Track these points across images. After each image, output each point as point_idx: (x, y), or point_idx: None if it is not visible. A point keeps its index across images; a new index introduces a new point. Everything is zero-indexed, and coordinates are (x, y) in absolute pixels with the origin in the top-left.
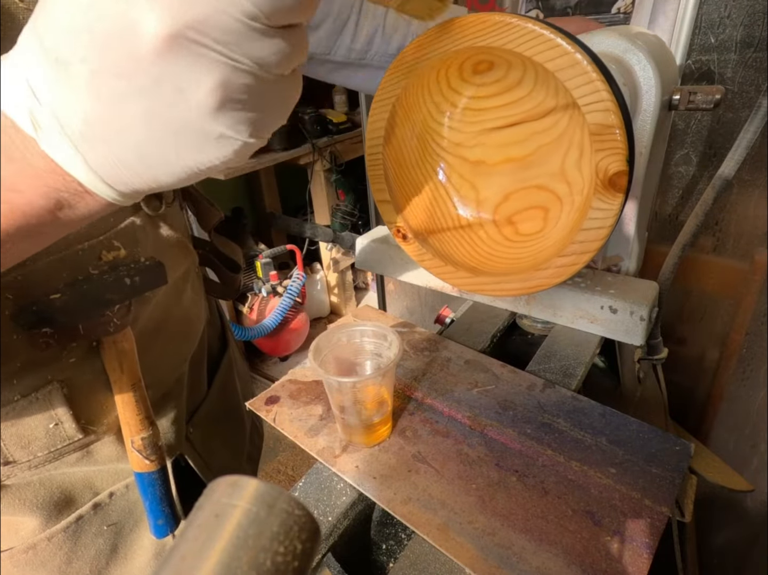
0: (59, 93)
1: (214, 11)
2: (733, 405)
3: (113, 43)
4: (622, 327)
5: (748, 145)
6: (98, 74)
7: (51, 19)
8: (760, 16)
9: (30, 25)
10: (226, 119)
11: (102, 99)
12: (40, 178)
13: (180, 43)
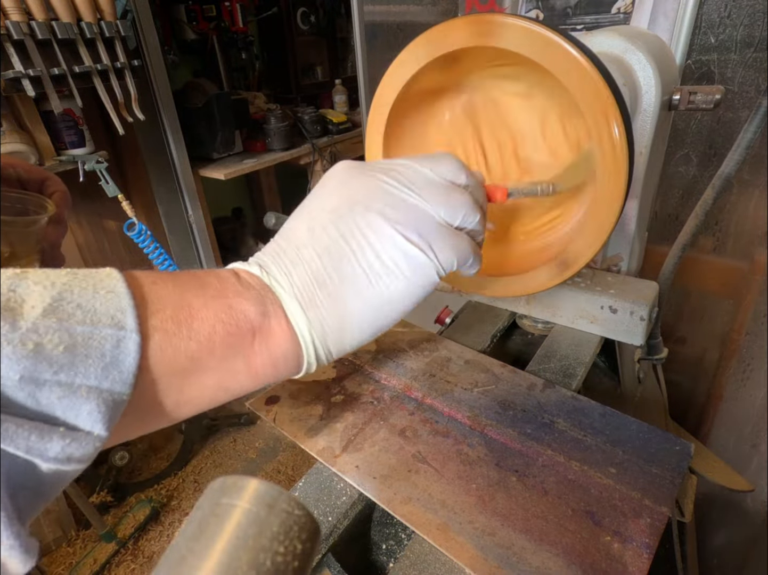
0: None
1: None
2: (733, 405)
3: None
4: (622, 327)
5: (748, 145)
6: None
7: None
8: (760, 16)
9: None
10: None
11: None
12: (255, 292)
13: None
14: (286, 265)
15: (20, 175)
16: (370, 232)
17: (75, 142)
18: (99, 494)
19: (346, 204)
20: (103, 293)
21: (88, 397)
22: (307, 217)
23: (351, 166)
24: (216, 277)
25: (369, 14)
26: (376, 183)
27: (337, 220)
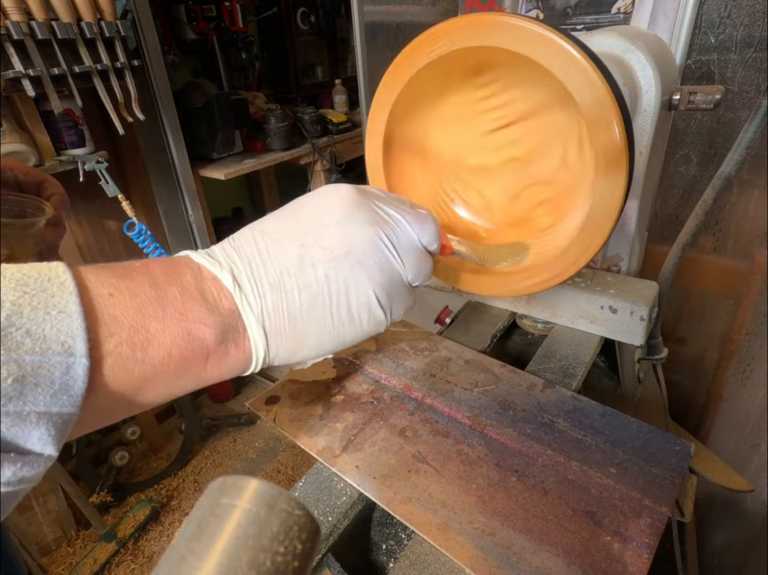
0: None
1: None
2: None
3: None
4: (622, 327)
5: (748, 145)
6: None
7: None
8: (760, 16)
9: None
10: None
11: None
12: (222, 317)
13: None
14: (263, 286)
15: (18, 177)
16: (353, 287)
17: (75, 142)
18: (99, 494)
19: (343, 250)
20: (54, 314)
21: (38, 423)
22: (299, 239)
23: (356, 201)
24: (180, 289)
25: (369, 14)
26: (373, 236)
27: (329, 263)
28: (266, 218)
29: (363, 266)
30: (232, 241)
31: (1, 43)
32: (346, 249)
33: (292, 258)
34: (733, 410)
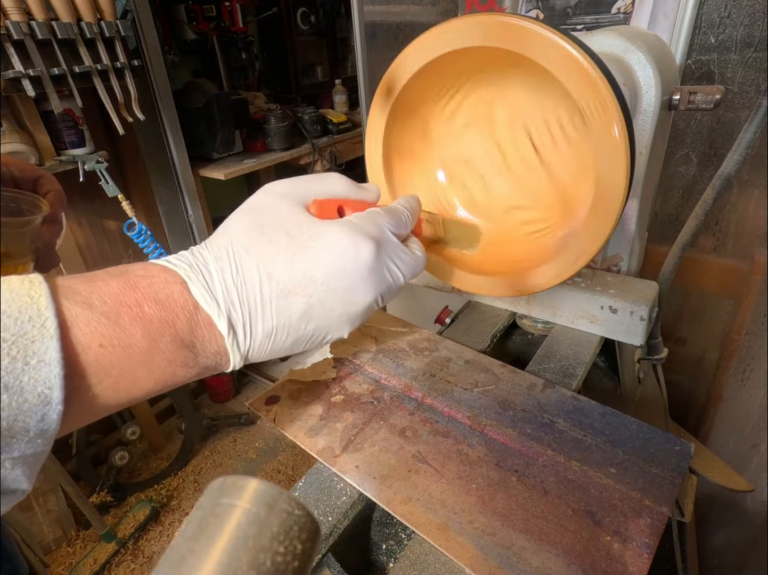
0: (262, 316)
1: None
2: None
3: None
4: (622, 327)
5: (748, 145)
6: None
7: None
8: (760, 16)
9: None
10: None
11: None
12: (206, 359)
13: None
14: (256, 333)
15: (13, 173)
16: (335, 332)
17: (75, 142)
18: (99, 494)
19: (339, 311)
20: (33, 363)
21: (13, 468)
22: (305, 295)
23: (370, 268)
24: (172, 338)
25: (369, 14)
26: (372, 303)
27: (323, 321)
28: (271, 247)
29: (350, 324)
30: (235, 271)
31: (1, 43)
32: (344, 311)
33: (293, 314)
34: (733, 410)
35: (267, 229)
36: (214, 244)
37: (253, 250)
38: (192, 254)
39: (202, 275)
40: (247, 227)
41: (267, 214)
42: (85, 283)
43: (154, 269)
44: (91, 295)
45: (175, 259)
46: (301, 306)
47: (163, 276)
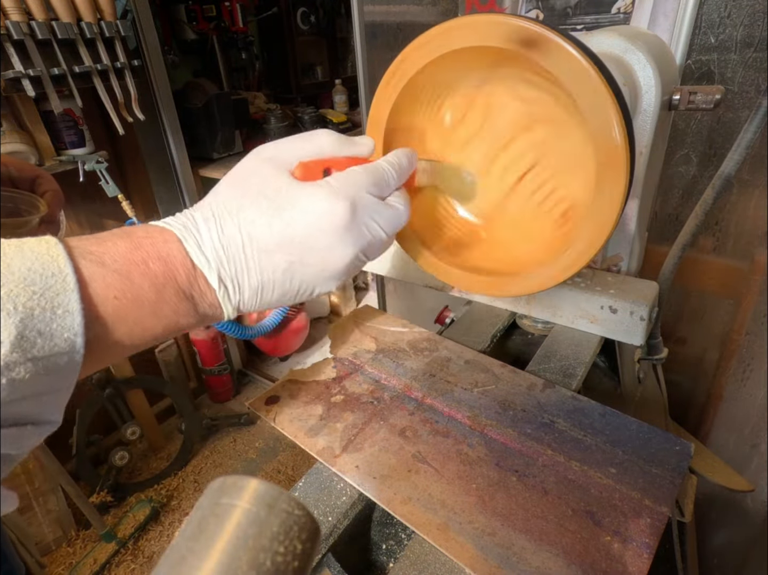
0: (249, 274)
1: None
2: (733, 405)
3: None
4: (622, 327)
5: (748, 145)
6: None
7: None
8: (760, 16)
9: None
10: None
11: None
12: (204, 309)
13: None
14: (243, 287)
15: (11, 173)
16: (320, 288)
17: (75, 142)
18: (99, 494)
19: (321, 267)
20: (60, 313)
21: (47, 401)
22: (286, 254)
23: (347, 226)
24: (174, 290)
25: (369, 14)
26: (353, 259)
27: (307, 277)
28: (252, 209)
29: (335, 279)
30: (220, 231)
31: (1, 43)
32: (325, 267)
33: (277, 272)
34: (733, 410)
35: (249, 191)
36: (204, 205)
37: (235, 213)
38: (185, 216)
39: (194, 236)
40: (232, 190)
41: (250, 177)
42: (96, 244)
43: (153, 230)
44: (104, 255)
45: (172, 220)
46: (283, 264)
47: (162, 236)
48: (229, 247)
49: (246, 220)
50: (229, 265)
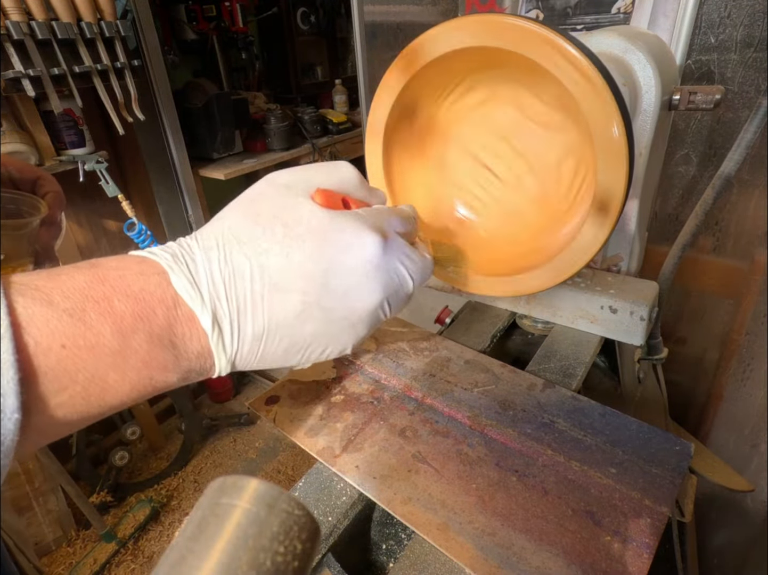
0: (252, 322)
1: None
2: (733, 405)
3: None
4: (622, 327)
5: (748, 145)
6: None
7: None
8: (760, 16)
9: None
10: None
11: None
12: (188, 361)
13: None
14: (245, 334)
15: (12, 174)
16: (335, 344)
17: (75, 142)
18: (99, 494)
19: (342, 313)
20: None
21: None
22: (302, 292)
23: (377, 266)
24: (147, 335)
25: (369, 14)
26: (376, 307)
27: (321, 323)
28: (266, 237)
29: (354, 330)
30: (223, 261)
31: (1, 43)
32: (346, 314)
33: (288, 313)
34: (733, 410)
35: (263, 218)
36: (204, 232)
37: (245, 240)
38: (179, 244)
39: (186, 265)
40: (242, 216)
41: (264, 202)
42: (47, 279)
43: (130, 261)
44: (52, 291)
45: (159, 249)
46: (297, 305)
47: (138, 267)
48: (232, 278)
49: (258, 249)
50: (229, 302)
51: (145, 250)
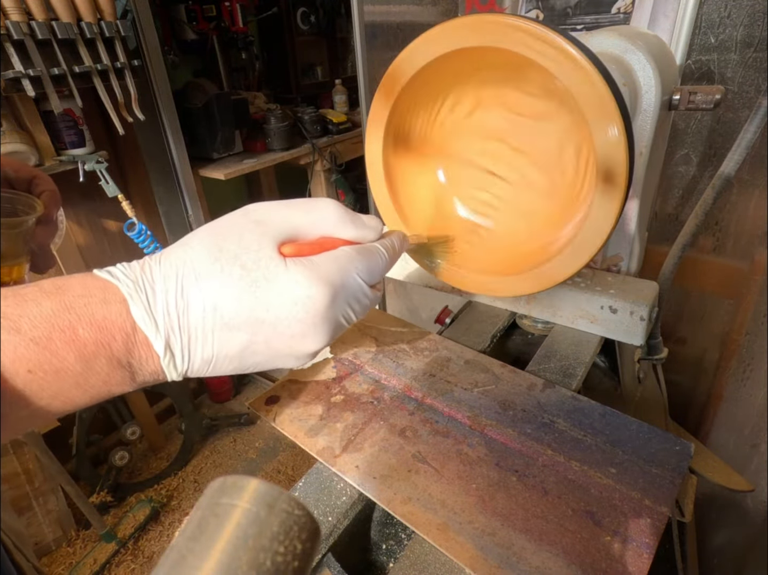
0: (204, 345)
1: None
2: (733, 405)
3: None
4: (622, 327)
5: (748, 145)
6: (252, 342)
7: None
8: (760, 16)
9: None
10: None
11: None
12: (144, 376)
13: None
14: (195, 358)
15: (8, 174)
16: (282, 364)
17: (75, 142)
18: (99, 494)
19: (286, 352)
20: None
21: None
22: (251, 333)
23: (324, 317)
24: (107, 360)
25: (369, 14)
26: (321, 345)
27: (267, 359)
28: (222, 276)
29: (300, 361)
30: (179, 294)
31: (1, 43)
32: (291, 353)
33: (235, 348)
34: (733, 410)
35: (224, 255)
36: (168, 259)
37: (203, 277)
38: (141, 269)
39: (146, 294)
40: (206, 249)
41: (230, 238)
42: (14, 306)
43: (93, 286)
44: (20, 319)
45: (121, 273)
46: (245, 343)
47: (102, 295)
48: (185, 313)
49: (213, 287)
50: (181, 333)
51: (107, 271)
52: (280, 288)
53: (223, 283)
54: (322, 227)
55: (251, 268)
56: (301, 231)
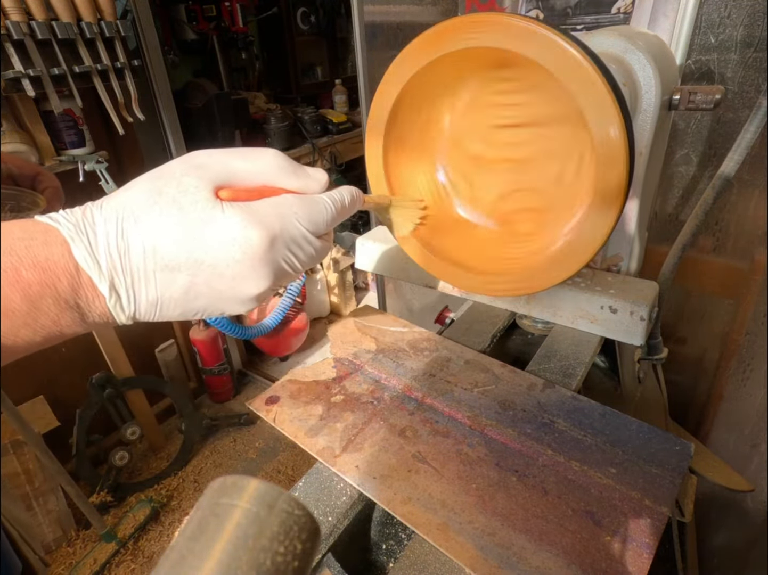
0: (148, 284)
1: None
2: (733, 405)
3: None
4: (622, 327)
5: (748, 145)
6: (194, 282)
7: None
8: (760, 16)
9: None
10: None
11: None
12: (93, 317)
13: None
14: (140, 300)
15: (12, 170)
16: (229, 309)
17: (75, 142)
18: (99, 494)
19: (229, 294)
20: None
21: None
22: (191, 274)
23: (263, 259)
24: (54, 299)
25: (369, 14)
26: (264, 290)
27: (211, 301)
28: (162, 218)
29: (245, 306)
30: (120, 237)
31: (1, 43)
32: (235, 295)
33: (178, 290)
34: (733, 410)
35: (163, 198)
36: (109, 204)
37: (142, 219)
38: (83, 213)
39: (87, 237)
40: (145, 192)
41: (169, 182)
42: None
43: (34, 230)
44: None
45: (63, 217)
46: (186, 284)
47: (43, 237)
48: (127, 254)
49: (152, 229)
50: (125, 274)
51: (48, 216)
52: (216, 230)
53: (161, 225)
54: (263, 176)
55: (188, 209)
56: (240, 177)
